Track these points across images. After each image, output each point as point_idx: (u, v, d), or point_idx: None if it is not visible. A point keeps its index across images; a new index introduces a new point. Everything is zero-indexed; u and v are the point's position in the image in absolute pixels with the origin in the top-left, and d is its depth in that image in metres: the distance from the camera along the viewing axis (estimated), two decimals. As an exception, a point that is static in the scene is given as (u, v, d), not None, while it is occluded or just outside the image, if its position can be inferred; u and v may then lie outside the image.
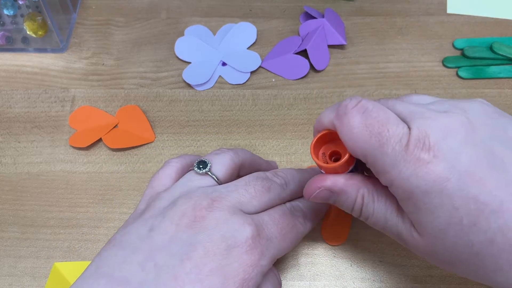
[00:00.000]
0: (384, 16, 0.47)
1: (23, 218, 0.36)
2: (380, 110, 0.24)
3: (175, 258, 0.24)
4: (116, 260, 0.24)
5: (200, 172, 0.29)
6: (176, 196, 0.27)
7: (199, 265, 0.24)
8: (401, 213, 0.25)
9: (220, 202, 0.26)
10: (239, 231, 0.25)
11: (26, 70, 0.44)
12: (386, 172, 0.24)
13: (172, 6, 0.48)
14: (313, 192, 0.27)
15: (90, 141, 0.39)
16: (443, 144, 0.22)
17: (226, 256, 0.24)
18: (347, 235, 0.34)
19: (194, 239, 0.24)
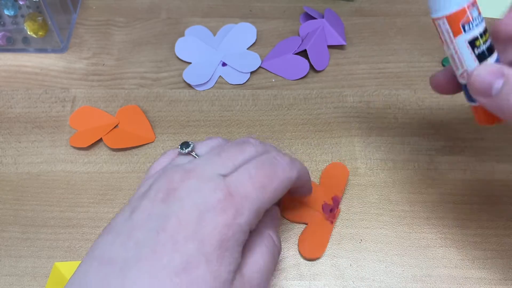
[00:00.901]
0: (383, 17, 0.47)
1: (23, 218, 0.36)
2: None
3: (152, 232, 0.24)
4: (105, 244, 0.25)
5: (183, 151, 0.29)
6: (156, 177, 0.28)
7: (174, 235, 0.24)
8: None
9: (193, 172, 0.26)
10: (211, 196, 0.25)
11: (27, 70, 0.44)
12: None
13: (172, 6, 0.48)
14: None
15: (91, 141, 0.39)
16: None
17: (199, 221, 0.24)
18: (325, 249, 0.34)
19: (167, 212, 0.25)
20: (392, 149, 0.39)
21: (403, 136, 0.39)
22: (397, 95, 0.42)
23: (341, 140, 0.39)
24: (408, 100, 0.41)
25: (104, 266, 0.24)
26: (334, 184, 0.36)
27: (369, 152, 0.39)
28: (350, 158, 0.38)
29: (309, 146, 0.39)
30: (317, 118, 0.41)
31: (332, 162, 0.38)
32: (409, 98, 0.41)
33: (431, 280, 0.33)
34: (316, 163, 0.38)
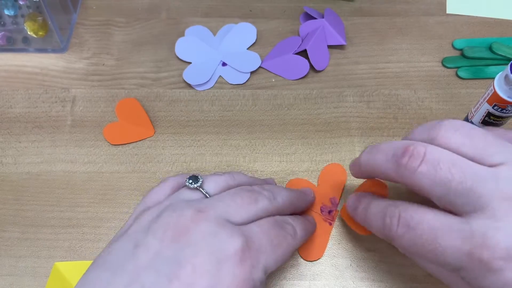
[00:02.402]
0: (383, 17, 0.47)
1: (23, 218, 0.36)
2: (422, 223, 0.24)
3: (162, 278, 0.22)
4: (101, 283, 0.23)
5: (191, 186, 0.28)
6: (162, 209, 0.26)
7: (189, 284, 0.22)
8: None
9: (206, 213, 0.25)
10: (228, 243, 0.23)
11: (27, 70, 0.44)
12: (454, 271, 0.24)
13: (172, 6, 0.48)
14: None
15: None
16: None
17: (216, 272, 0.23)
18: (324, 251, 0.34)
19: (180, 255, 0.23)
20: (392, 149, 0.39)
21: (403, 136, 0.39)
22: (397, 95, 0.42)
23: (341, 140, 0.39)
24: (408, 100, 0.41)
25: None
26: (332, 186, 0.36)
27: (369, 152, 0.39)
28: (350, 158, 0.38)
29: (309, 146, 0.39)
30: (317, 118, 0.41)
31: (329, 164, 0.38)
32: (409, 98, 0.41)
33: (431, 280, 0.33)
34: (316, 163, 0.38)
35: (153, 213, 0.26)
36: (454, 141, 0.25)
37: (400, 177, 0.26)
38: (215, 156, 0.39)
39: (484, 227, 0.22)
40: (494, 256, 0.22)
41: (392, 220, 0.26)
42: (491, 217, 0.22)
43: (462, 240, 0.23)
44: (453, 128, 0.25)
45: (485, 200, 0.23)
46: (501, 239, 0.22)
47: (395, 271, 0.33)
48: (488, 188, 0.23)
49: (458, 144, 0.25)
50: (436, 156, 0.24)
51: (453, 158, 0.24)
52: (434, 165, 0.24)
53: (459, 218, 0.24)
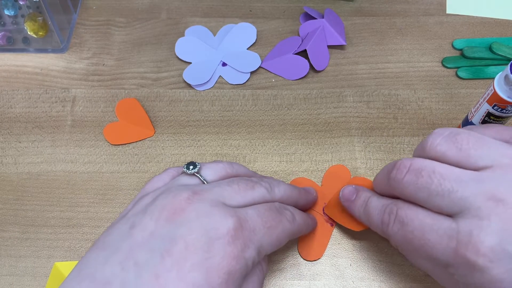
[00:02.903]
0: (383, 17, 0.47)
1: (23, 218, 0.36)
2: (414, 219, 0.26)
3: (155, 254, 0.23)
4: (98, 261, 0.24)
5: (189, 172, 0.28)
6: (158, 193, 0.27)
7: (180, 261, 0.23)
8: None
9: (201, 195, 0.25)
10: (221, 223, 0.24)
11: (27, 70, 0.44)
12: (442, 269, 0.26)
13: (172, 6, 0.48)
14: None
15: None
16: (498, 250, 0.23)
17: (208, 249, 0.23)
18: (324, 251, 0.34)
19: (174, 233, 0.24)
20: (392, 149, 0.39)
21: (403, 136, 0.39)
22: (397, 95, 0.42)
23: (341, 140, 0.39)
24: (408, 100, 0.41)
25: (98, 287, 0.22)
26: (335, 187, 0.36)
27: (369, 152, 0.39)
28: (350, 158, 0.38)
29: (309, 146, 0.39)
30: (317, 118, 0.41)
31: (334, 165, 0.38)
32: (409, 98, 0.41)
33: (431, 280, 0.33)
34: (316, 163, 0.38)
35: (151, 197, 0.27)
36: (440, 149, 0.26)
37: (391, 188, 0.28)
38: (215, 156, 0.39)
39: (470, 226, 0.24)
40: (478, 254, 0.23)
41: (390, 217, 0.28)
42: (476, 216, 0.24)
43: (448, 238, 0.24)
44: (439, 136, 0.27)
45: (469, 201, 0.24)
46: (485, 238, 0.23)
47: (395, 271, 0.33)
48: (470, 189, 0.24)
49: (443, 151, 0.26)
50: (418, 166, 0.26)
51: (434, 166, 0.26)
52: (416, 174, 0.26)
53: (448, 218, 0.25)
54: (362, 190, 0.32)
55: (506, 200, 0.23)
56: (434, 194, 0.25)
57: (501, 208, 0.23)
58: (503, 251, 0.23)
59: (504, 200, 0.23)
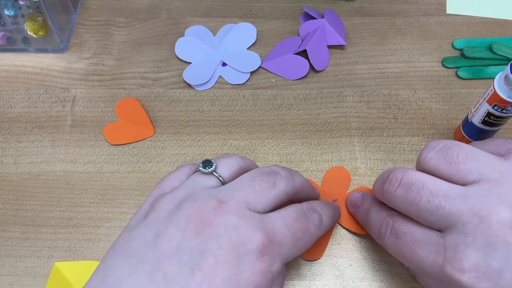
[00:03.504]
0: (383, 17, 0.47)
1: (23, 218, 0.36)
2: (406, 233, 0.27)
3: (185, 267, 0.23)
4: (124, 270, 0.23)
5: (205, 171, 0.28)
6: (180, 198, 0.26)
7: (210, 276, 0.23)
8: None
9: (227, 204, 0.25)
10: (250, 238, 0.24)
11: (27, 70, 0.44)
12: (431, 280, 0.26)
13: (172, 6, 0.48)
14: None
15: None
16: (483, 266, 0.23)
17: (237, 264, 0.23)
18: (324, 251, 0.34)
19: (203, 247, 0.24)
20: (392, 149, 0.39)
21: (403, 136, 0.39)
22: (397, 95, 0.42)
23: (341, 140, 0.39)
24: (408, 100, 0.41)
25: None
26: (335, 188, 0.36)
27: (369, 152, 0.39)
28: (350, 158, 0.38)
29: (309, 146, 0.39)
30: (317, 118, 0.41)
31: (334, 166, 0.38)
32: (409, 98, 0.41)
33: (431, 280, 0.33)
34: (316, 163, 0.38)
35: (172, 202, 0.26)
36: (432, 163, 0.27)
37: (385, 200, 0.29)
38: (215, 156, 0.39)
39: (456, 242, 0.24)
40: (463, 271, 0.24)
41: (386, 229, 0.28)
42: (461, 232, 0.24)
43: (436, 253, 0.25)
44: (432, 149, 0.27)
45: (455, 217, 0.25)
46: (470, 255, 0.24)
47: (395, 271, 0.33)
48: (457, 205, 0.25)
49: (435, 165, 0.27)
50: (409, 179, 0.27)
51: (423, 181, 0.26)
52: (406, 188, 0.26)
53: (438, 233, 0.26)
54: (366, 198, 0.33)
55: (491, 216, 0.24)
56: (423, 210, 0.26)
57: (486, 224, 0.24)
58: (488, 267, 0.23)
59: (489, 216, 0.24)
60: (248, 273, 0.23)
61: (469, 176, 0.26)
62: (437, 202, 0.25)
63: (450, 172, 0.26)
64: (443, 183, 0.26)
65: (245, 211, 0.25)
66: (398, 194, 0.27)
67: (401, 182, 0.27)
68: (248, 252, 0.24)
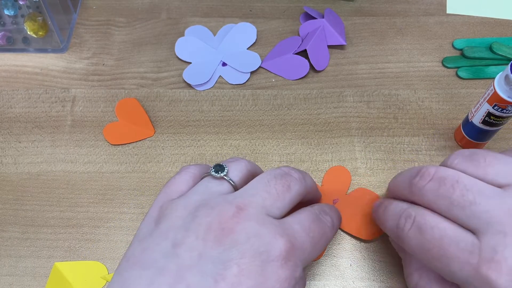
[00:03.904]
0: (383, 17, 0.47)
1: (23, 218, 0.36)
2: (434, 228, 0.25)
3: (208, 278, 0.22)
4: (143, 282, 0.23)
5: (218, 175, 0.27)
6: (194, 204, 0.26)
7: (234, 285, 0.22)
8: None
9: (246, 211, 0.25)
10: (272, 245, 0.24)
11: (27, 70, 0.44)
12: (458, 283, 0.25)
13: (172, 6, 0.48)
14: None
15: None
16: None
17: (261, 272, 0.23)
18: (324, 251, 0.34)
19: (225, 256, 0.23)
20: (392, 149, 0.39)
21: (403, 136, 0.39)
22: (397, 95, 0.42)
23: (341, 140, 0.39)
24: (408, 100, 0.41)
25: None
26: (335, 188, 0.36)
27: (369, 152, 0.39)
28: (350, 158, 0.38)
29: (309, 146, 0.39)
30: (317, 118, 0.41)
31: (335, 166, 0.38)
32: (409, 98, 0.41)
33: (431, 280, 0.33)
34: (316, 163, 0.38)
35: (185, 209, 0.26)
36: (459, 167, 0.26)
37: (412, 194, 0.27)
38: (215, 156, 0.39)
39: (493, 243, 0.23)
40: (501, 274, 0.22)
41: (406, 220, 0.27)
42: (500, 233, 0.23)
43: (470, 253, 0.23)
44: (459, 155, 0.27)
45: (491, 215, 0.23)
46: (510, 257, 0.22)
47: (395, 271, 0.33)
48: (493, 203, 0.24)
49: (463, 169, 0.26)
50: (443, 174, 0.26)
51: (458, 175, 0.25)
52: (439, 182, 0.25)
53: (471, 233, 0.24)
54: (387, 199, 0.32)
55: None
56: (455, 204, 0.24)
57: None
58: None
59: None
60: (273, 281, 0.23)
61: (498, 178, 0.25)
62: (472, 197, 0.24)
63: (478, 175, 0.25)
64: (478, 181, 0.25)
65: (264, 217, 0.25)
66: (429, 188, 0.26)
67: (434, 177, 0.26)
68: (272, 260, 0.23)
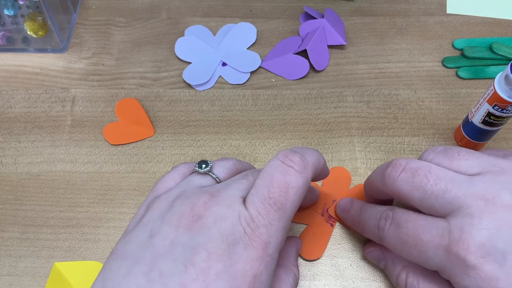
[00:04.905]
0: (384, 16, 0.47)
1: (23, 218, 0.36)
2: (409, 221, 0.27)
3: (179, 264, 0.23)
4: (121, 273, 0.23)
5: (201, 171, 0.28)
6: (173, 196, 0.26)
7: (204, 270, 0.22)
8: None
9: (218, 196, 0.25)
10: (236, 227, 0.24)
11: (27, 70, 0.44)
12: (436, 271, 0.26)
13: (172, 6, 0.48)
14: (367, 249, 0.32)
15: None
16: (489, 246, 0.24)
17: (230, 255, 0.23)
18: (324, 251, 0.34)
19: (194, 242, 0.23)
20: (392, 149, 0.39)
21: (403, 136, 0.39)
22: (397, 95, 0.42)
23: (341, 140, 0.39)
24: (408, 100, 0.41)
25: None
26: (335, 188, 0.36)
27: (369, 152, 0.39)
28: (350, 158, 0.38)
29: (309, 146, 0.39)
30: (317, 118, 0.41)
31: (335, 167, 0.38)
32: (409, 98, 0.41)
33: (431, 280, 0.33)
34: (316, 163, 0.38)
35: (165, 201, 0.26)
36: (434, 162, 0.27)
37: (385, 185, 0.28)
38: (215, 156, 0.39)
39: (461, 224, 0.24)
40: (469, 250, 0.24)
41: (386, 221, 0.28)
42: (467, 215, 0.24)
43: (440, 236, 0.25)
44: (432, 151, 0.28)
45: (461, 200, 0.25)
46: (476, 235, 0.24)
47: (395, 271, 0.33)
48: (463, 189, 0.25)
49: (437, 163, 0.27)
50: (415, 165, 0.27)
51: (430, 166, 0.27)
52: (412, 172, 0.27)
53: (441, 218, 0.26)
54: (356, 200, 0.33)
55: (496, 200, 0.24)
56: (429, 193, 0.26)
57: (491, 207, 0.24)
58: (494, 248, 0.23)
59: (494, 200, 0.24)
60: (242, 263, 0.23)
61: (471, 169, 0.26)
62: (444, 185, 0.25)
63: (452, 167, 0.27)
64: (448, 170, 0.26)
65: (236, 199, 0.25)
66: (402, 178, 0.27)
67: (405, 167, 0.27)
68: (237, 242, 0.23)
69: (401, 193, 0.27)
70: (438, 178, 0.26)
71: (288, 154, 0.26)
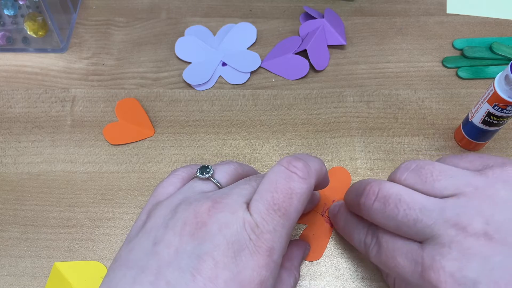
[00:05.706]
0: (383, 16, 0.47)
1: (23, 218, 0.36)
2: (388, 242, 0.27)
3: (186, 273, 0.22)
4: (127, 281, 0.23)
5: (203, 176, 0.28)
6: (176, 203, 0.26)
7: (211, 279, 0.22)
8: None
9: (221, 203, 0.25)
10: (241, 233, 0.23)
11: (27, 70, 0.44)
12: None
13: (172, 6, 0.48)
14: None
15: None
16: (459, 277, 0.23)
17: (236, 263, 0.23)
18: (324, 251, 0.34)
19: (199, 250, 0.23)
20: (392, 149, 0.39)
21: (403, 136, 0.39)
22: (397, 95, 0.42)
23: (341, 140, 0.39)
24: (408, 100, 0.41)
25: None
26: (335, 189, 0.36)
27: (369, 152, 0.39)
28: (350, 158, 0.38)
29: (309, 146, 0.39)
30: (317, 118, 0.41)
31: (334, 167, 0.38)
32: (409, 98, 0.41)
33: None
34: (316, 163, 0.38)
35: (167, 208, 0.26)
36: (407, 183, 0.27)
37: (362, 214, 0.28)
38: (215, 156, 0.39)
39: (432, 253, 0.24)
40: (440, 281, 0.24)
41: (372, 240, 0.29)
42: (438, 244, 0.24)
43: (415, 263, 0.25)
44: (406, 170, 0.27)
45: (431, 229, 0.25)
46: (446, 266, 0.24)
47: (395, 271, 0.33)
48: (434, 217, 0.25)
49: (411, 184, 0.27)
50: (386, 193, 0.26)
51: (400, 193, 0.26)
52: (384, 202, 0.26)
53: (417, 243, 0.26)
54: (342, 207, 0.33)
55: (467, 228, 0.24)
56: (401, 224, 0.26)
57: (461, 236, 0.24)
58: (464, 278, 0.23)
59: (465, 228, 0.24)
60: (249, 270, 0.23)
61: (444, 192, 0.25)
62: (414, 215, 0.25)
63: (426, 190, 0.26)
64: (419, 196, 0.26)
65: (240, 206, 0.24)
66: (376, 208, 0.27)
67: (378, 196, 0.27)
68: (242, 249, 0.23)
69: (377, 222, 0.27)
70: (409, 208, 0.25)
71: (291, 160, 0.26)
